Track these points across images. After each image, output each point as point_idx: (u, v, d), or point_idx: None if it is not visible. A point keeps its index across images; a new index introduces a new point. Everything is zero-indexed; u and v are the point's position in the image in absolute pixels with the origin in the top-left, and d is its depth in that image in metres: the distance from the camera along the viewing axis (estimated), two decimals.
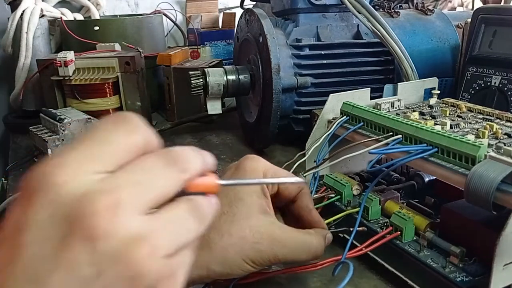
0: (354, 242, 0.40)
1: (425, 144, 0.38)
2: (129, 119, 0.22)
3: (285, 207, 0.40)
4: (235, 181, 0.35)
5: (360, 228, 0.41)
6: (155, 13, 1.26)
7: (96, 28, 0.95)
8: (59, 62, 0.79)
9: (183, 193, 0.22)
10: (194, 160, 0.22)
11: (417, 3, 0.83)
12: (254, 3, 1.00)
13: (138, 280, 0.19)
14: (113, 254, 0.19)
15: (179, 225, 0.21)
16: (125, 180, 0.20)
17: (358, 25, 0.74)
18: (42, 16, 0.98)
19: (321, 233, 0.38)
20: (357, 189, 0.47)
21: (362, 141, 0.44)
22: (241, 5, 1.02)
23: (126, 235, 0.19)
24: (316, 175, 0.47)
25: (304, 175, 0.47)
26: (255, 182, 0.37)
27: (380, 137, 0.43)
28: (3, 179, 0.81)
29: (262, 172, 0.37)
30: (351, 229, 0.41)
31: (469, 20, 0.65)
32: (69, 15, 1.08)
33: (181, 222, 0.21)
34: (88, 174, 0.19)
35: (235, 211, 0.34)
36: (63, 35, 1.00)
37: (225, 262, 0.33)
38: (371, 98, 0.52)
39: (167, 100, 0.95)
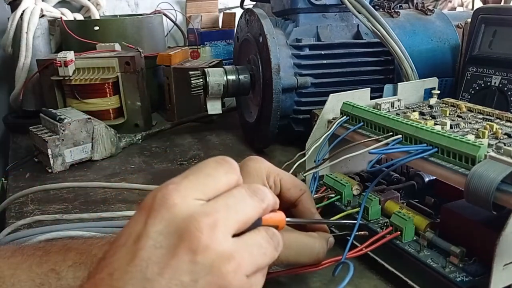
0: (354, 242, 0.40)
1: (425, 144, 0.38)
2: (230, 162, 0.28)
3: (286, 210, 0.40)
4: (299, 220, 0.38)
5: (362, 233, 0.41)
6: (155, 13, 1.26)
7: (96, 28, 0.95)
8: (59, 62, 0.79)
9: (258, 224, 0.27)
10: (269, 194, 0.28)
11: (417, 3, 0.83)
12: (254, 3, 1.00)
13: None
14: (209, 265, 0.23)
15: (258, 249, 0.26)
16: (220, 206, 0.25)
17: (358, 25, 0.74)
18: (42, 16, 0.98)
19: (324, 236, 0.38)
20: (357, 189, 0.47)
21: (362, 141, 0.44)
22: (241, 5, 1.02)
23: (220, 251, 0.24)
24: (316, 175, 0.47)
25: (304, 175, 0.47)
26: (317, 222, 0.40)
27: (380, 137, 0.43)
28: (3, 179, 0.81)
29: (265, 173, 0.37)
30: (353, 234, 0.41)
31: (469, 20, 0.65)
32: (69, 15, 1.08)
33: (261, 246, 0.26)
34: (194, 200, 0.25)
35: None
36: (63, 35, 1.00)
37: None
38: (371, 98, 0.52)
39: (167, 100, 0.95)
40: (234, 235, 0.25)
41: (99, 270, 0.24)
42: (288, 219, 0.31)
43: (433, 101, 0.53)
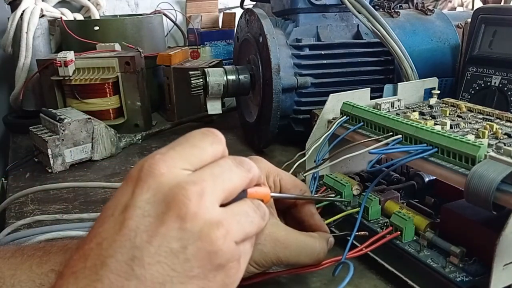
0: (354, 242, 0.40)
1: (425, 144, 0.38)
2: (216, 133, 0.28)
3: (286, 210, 0.40)
4: (284, 195, 0.38)
5: (362, 233, 0.41)
6: (155, 13, 1.26)
7: (96, 28, 0.95)
8: (59, 62, 0.79)
9: (244, 197, 0.27)
10: (254, 166, 0.28)
11: (417, 3, 0.83)
12: (254, 3, 1.00)
13: (213, 256, 0.23)
14: (197, 232, 0.23)
15: (246, 217, 0.26)
16: (207, 175, 0.25)
17: (358, 25, 0.74)
18: (42, 16, 0.98)
19: (324, 237, 0.38)
20: (357, 189, 0.47)
21: (362, 141, 0.44)
22: (241, 5, 1.02)
23: (208, 218, 0.24)
24: (315, 175, 0.47)
25: (304, 175, 0.47)
26: (304, 198, 0.40)
27: (380, 137, 0.43)
28: (3, 179, 0.81)
29: (264, 173, 0.37)
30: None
31: (469, 20, 0.65)
32: (69, 15, 1.08)
33: (248, 215, 0.26)
34: (180, 170, 0.25)
35: None
36: (63, 35, 1.00)
37: None
38: (371, 98, 0.52)
39: (167, 100, 0.95)
40: (221, 206, 0.25)
41: (88, 240, 0.24)
42: (273, 193, 0.31)
43: (433, 101, 0.53)
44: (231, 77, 0.73)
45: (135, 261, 0.22)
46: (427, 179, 0.49)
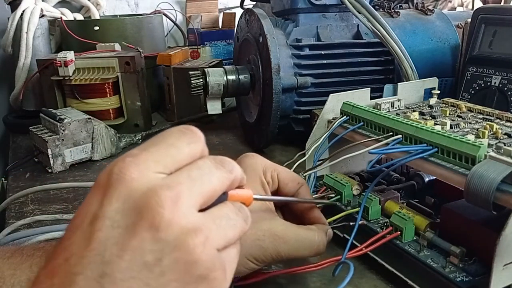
0: (354, 242, 0.40)
1: (425, 144, 0.38)
2: (193, 131, 0.25)
3: (284, 205, 0.40)
4: (268, 197, 0.37)
5: (360, 222, 0.41)
6: (155, 13, 1.26)
7: (96, 28, 0.95)
8: (59, 62, 0.79)
9: (224, 200, 0.25)
10: (237, 166, 0.26)
11: (417, 3, 0.83)
12: (254, 3, 1.00)
13: (193, 267, 0.22)
14: (173, 241, 0.21)
15: (227, 222, 0.24)
16: (184, 178, 0.23)
17: (358, 25, 0.74)
18: (42, 16, 0.98)
19: (323, 228, 0.38)
20: (357, 189, 0.47)
21: (362, 141, 0.44)
22: (241, 5, 1.02)
23: (185, 225, 0.22)
24: (314, 175, 0.47)
25: (304, 175, 0.47)
26: (288, 200, 0.39)
27: (380, 137, 0.43)
28: (3, 179, 0.81)
29: (261, 169, 0.37)
30: (351, 223, 0.41)
31: (469, 20, 0.65)
32: (69, 15, 1.08)
33: (229, 218, 0.24)
34: (154, 174, 0.23)
35: None
36: (63, 35, 1.00)
37: None
38: (371, 98, 0.52)
39: (167, 100, 0.95)
40: (200, 211, 0.23)
41: (55, 255, 0.22)
42: (256, 195, 0.28)
43: (433, 101, 0.53)
44: (231, 77, 0.73)
45: (105, 278, 0.21)
46: (427, 179, 0.49)
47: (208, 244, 0.22)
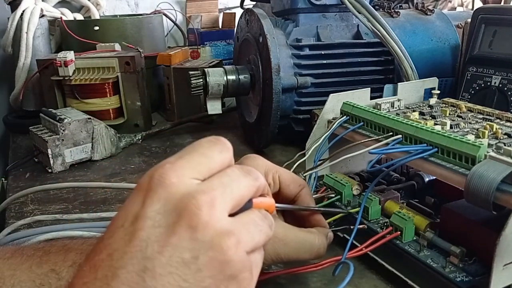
0: (354, 242, 0.40)
1: (425, 144, 0.38)
2: (223, 141, 0.28)
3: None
4: (288, 206, 0.39)
5: (360, 226, 0.41)
6: (155, 13, 1.26)
7: (96, 28, 0.95)
8: (59, 62, 0.79)
9: (250, 207, 0.27)
10: (260, 176, 0.28)
11: (417, 3, 0.83)
12: (254, 3, 1.00)
13: (225, 266, 0.23)
14: (209, 242, 0.23)
15: (255, 227, 0.26)
16: (216, 184, 0.25)
17: (358, 25, 0.74)
18: (42, 16, 0.98)
19: (323, 232, 0.38)
20: (357, 189, 0.47)
21: (362, 141, 0.44)
22: (241, 5, 1.02)
23: (219, 228, 0.23)
24: (314, 175, 0.47)
25: (304, 175, 0.47)
26: (306, 208, 0.39)
27: (380, 137, 0.43)
28: (3, 179, 0.81)
29: (263, 170, 0.37)
30: (351, 227, 0.41)
31: (469, 20, 0.65)
32: (69, 15, 1.08)
33: (257, 224, 0.26)
34: (190, 179, 0.25)
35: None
36: (63, 35, 1.00)
37: None
38: (371, 98, 0.52)
39: (167, 100, 0.95)
40: (229, 215, 0.25)
41: (98, 251, 0.23)
42: (277, 204, 0.31)
43: (433, 101, 0.53)
44: (231, 77, 0.73)
45: (146, 272, 0.22)
46: (427, 179, 0.48)
47: (239, 246, 0.24)
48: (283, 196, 0.39)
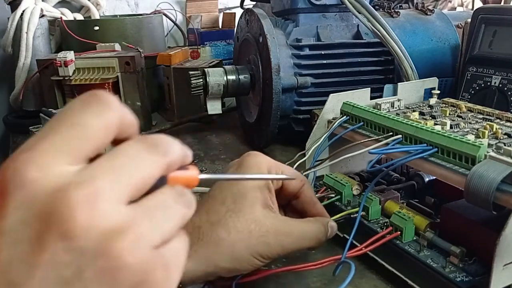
0: (354, 242, 0.40)
1: (425, 144, 0.38)
2: (100, 97, 0.20)
3: (286, 204, 0.40)
4: (216, 176, 0.35)
5: (355, 209, 0.42)
6: (155, 13, 1.26)
7: (96, 28, 0.95)
8: (59, 62, 0.79)
9: (162, 185, 0.21)
10: (174, 145, 0.21)
11: (417, 3, 0.83)
12: (254, 3, 1.00)
13: (122, 274, 0.18)
14: (94, 249, 0.18)
15: (163, 211, 0.20)
16: (102, 168, 0.19)
17: (358, 25, 0.74)
18: (42, 16, 0.98)
19: (321, 220, 0.38)
20: (357, 189, 0.47)
21: (362, 141, 0.44)
22: (241, 5, 1.02)
23: (105, 227, 0.18)
24: (314, 175, 0.47)
25: (304, 174, 0.47)
26: (238, 177, 0.36)
27: (380, 137, 0.43)
28: None
29: (265, 168, 0.37)
30: (352, 215, 0.41)
31: (469, 20, 0.65)
32: (69, 15, 1.08)
33: (167, 207, 0.20)
34: (59, 168, 0.18)
35: (240, 207, 0.34)
36: (63, 35, 1.00)
37: (234, 258, 0.33)
38: (371, 98, 0.52)
39: (167, 100, 0.95)
40: (131, 203, 0.19)
41: None
42: (202, 175, 0.23)
43: (433, 101, 0.53)
44: (231, 77, 0.73)
45: None
46: (427, 179, 0.49)
47: (139, 243, 0.18)
48: (286, 192, 0.39)
